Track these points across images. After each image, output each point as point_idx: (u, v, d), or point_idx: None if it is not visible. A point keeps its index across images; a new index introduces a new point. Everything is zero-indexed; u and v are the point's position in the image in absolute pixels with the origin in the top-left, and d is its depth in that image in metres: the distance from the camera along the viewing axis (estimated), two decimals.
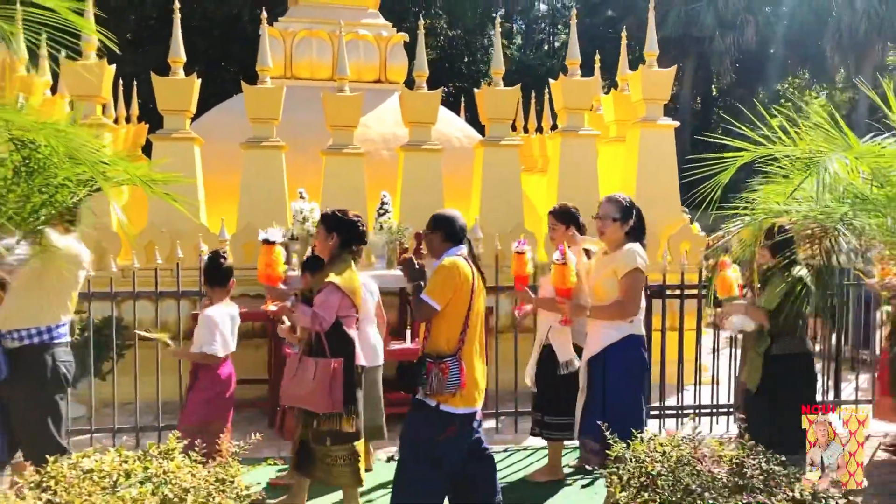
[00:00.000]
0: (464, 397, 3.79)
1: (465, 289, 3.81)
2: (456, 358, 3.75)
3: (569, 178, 8.30)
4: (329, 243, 4.31)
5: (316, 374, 4.08)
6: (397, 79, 10.25)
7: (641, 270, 4.22)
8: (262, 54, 7.93)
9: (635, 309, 4.21)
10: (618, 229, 4.33)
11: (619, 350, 4.25)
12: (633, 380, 4.31)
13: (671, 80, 8.55)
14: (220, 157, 8.59)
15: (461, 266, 3.83)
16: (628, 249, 4.27)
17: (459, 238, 3.95)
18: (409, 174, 8.04)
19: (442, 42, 25.95)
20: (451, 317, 3.80)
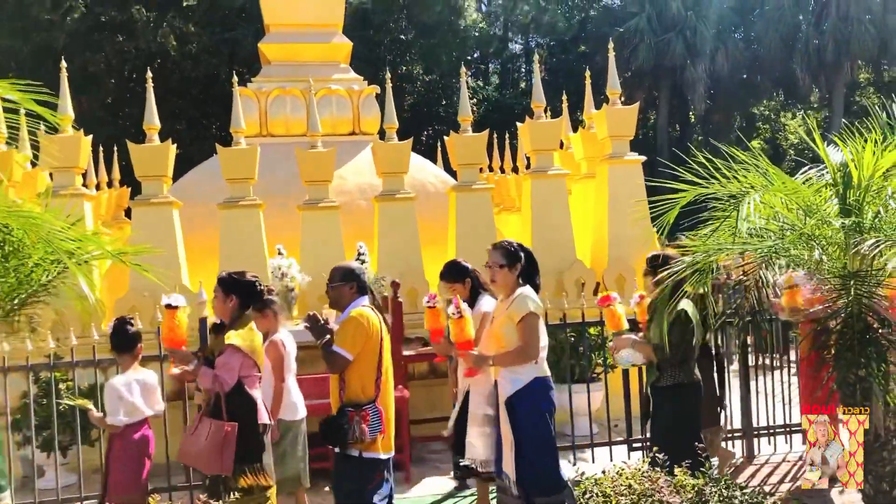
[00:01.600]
0: (384, 443, 3.95)
1: (375, 337, 4.00)
2: (374, 405, 3.93)
3: (541, 217, 8.49)
4: (228, 305, 4.35)
5: (208, 436, 4.11)
6: (371, 130, 10.48)
7: (535, 314, 4.28)
8: (235, 116, 8.15)
9: (535, 352, 4.28)
10: (507, 275, 4.37)
11: (527, 394, 4.30)
12: (542, 422, 4.36)
13: (635, 117, 8.80)
14: (200, 217, 8.76)
15: (369, 316, 4.04)
16: (520, 294, 4.33)
17: (364, 289, 4.16)
18: (384, 223, 8.22)
19: (419, 87, 26.38)
20: (364, 365, 3.97)
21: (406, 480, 6.38)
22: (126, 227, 10.80)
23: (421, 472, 6.62)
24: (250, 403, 4.27)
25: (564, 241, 8.46)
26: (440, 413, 7.10)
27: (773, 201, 3.38)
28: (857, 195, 3.29)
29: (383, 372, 4.03)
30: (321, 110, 10.23)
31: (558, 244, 8.44)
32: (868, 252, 3.06)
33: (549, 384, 4.45)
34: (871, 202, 3.27)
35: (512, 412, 4.31)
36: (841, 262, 3.32)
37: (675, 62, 26.56)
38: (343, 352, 3.94)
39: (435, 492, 6.13)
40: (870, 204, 3.27)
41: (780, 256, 3.32)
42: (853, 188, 3.28)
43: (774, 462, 6.28)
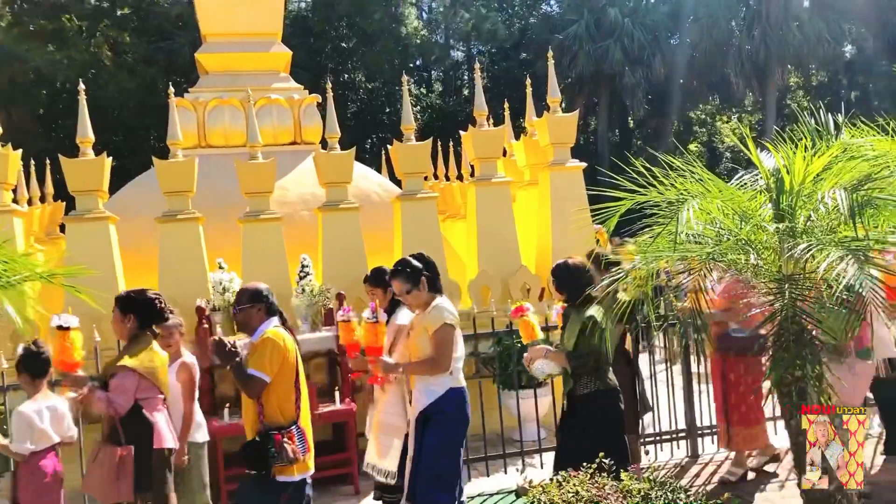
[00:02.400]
0: (298, 464, 3.90)
1: (290, 357, 3.95)
2: (297, 426, 3.90)
3: (486, 224, 8.52)
4: (126, 325, 4.25)
5: (105, 463, 4.00)
6: (313, 139, 10.38)
7: (451, 325, 4.27)
8: (172, 128, 7.98)
9: (447, 363, 4.24)
10: (417, 295, 4.37)
11: (442, 405, 4.27)
12: (454, 435, 4.32)
13: (575, 124, 8.90)
14: (138, 232, 8.54)
15: (284, 336, 4.00)
16: (435, 306, 4.33)
17: (273, 310, 4.11)
18: (328, 234, 8.13)
19: (361, 95, 26.30)
20: (282, 387, 3.91)
21: (355, 493, 6.32)
22: (61, 242, 10.47)
23: (370, 484, 6.52)
24: (147, 427, 4.12)
25: (509, 248, 8.51)
26: None
27: (710, 207, 3.44)
28: (790, 200, 3.37)
29: (302, 391, 3.99)
30: (261, 120, 10.09)
31: (503, 251, 8.48)
32: (800, 256, 3.14)
33: (465, 397, 4.41)
34: (803, 207, 3.36)
35: (425, 424, 4.27)
36: (776, 266, 3.40)
37: (613, 68, 27.08)
38: (260, 374, 3.85)
39: None
40: (801, 208, 3.36)
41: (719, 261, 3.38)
42: (786, 193, 3.37)
43: (718, 461, 6.40)
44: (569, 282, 4.69)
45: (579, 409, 4.58)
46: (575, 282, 4.65)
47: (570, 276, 4.68)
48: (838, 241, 3.08)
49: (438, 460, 4.24)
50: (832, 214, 3.25)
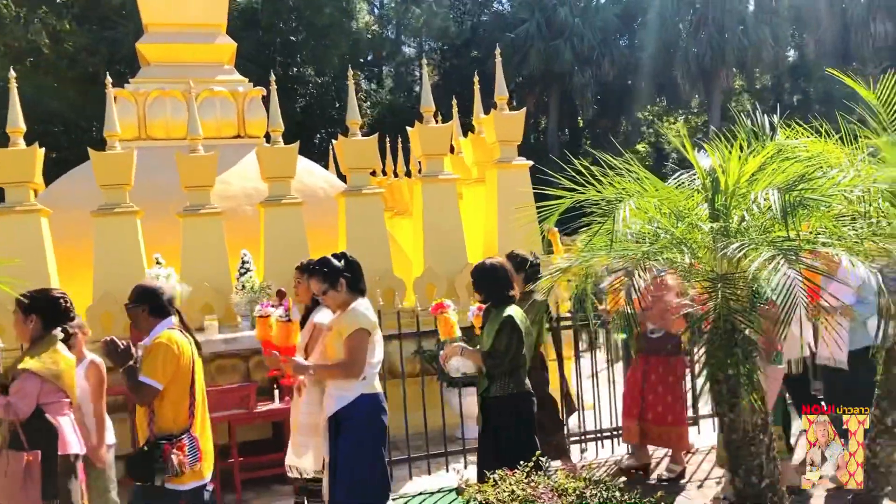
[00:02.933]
0: (193, 471, 3.76)
1: (185, 362, 3.78)
2: (189, 434, 3.73)
3: (432, 221, 8.47)
4: (28, 327, 4.04)
5: (8, 470, 3.81)
6: (257, 133, 10.21)
7: (365, 330, 4.12)
8: (109, 118, 7.74)
9: (359, 369, 4.09)
10: (335, 295, 4.24)
11: (352, 411, 4.14)
12: (367, 442, 4.18)
13: (522, 122, 8.90)
14: (74, 226, 8.27)
15: (178, 340, 3.79)
16: (351, 310, 4.19)
17: (167, 310, 3.89)
18: (270, 230, 7.99)
19: (311, 89, 25.99)
20: (175, 393, 3.75)
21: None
22: None
23: None
24: (51, 432, 3.93)
25: (456, 246, 8.47)
26: None
27: (647, 206, 3.45)
28: (725, 200, 3.40)
29: (198, 398, 3.82)
30: (204, 113, 9.88)
31: (450, 248, 8.43)
32: (733, 255, 3.16)
33: (380, 402, 4.28)
34: (738, 206, 3.38)
35: (335, 429, 4.17)
36: (710, 265, 3.43)
37: (563, 68, 27.29)
38: (151, 381, 3.67)
39: None
40: (736, 208, 3.38)
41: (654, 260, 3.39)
42: (721, 193, 3.39)
43: (657, 458, 6.46)
44: (487, 282, 4.63)
45: (492, 411, 4.53)
46: (493, 282, 4.60)
47: (488, 277, 4.62)
48: (770, 241, 3.11)
49: (352, 469, 4.12)
50: (766, 215, 3.28)
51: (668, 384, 5.89)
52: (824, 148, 3.75)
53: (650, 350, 5.93)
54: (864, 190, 3.47)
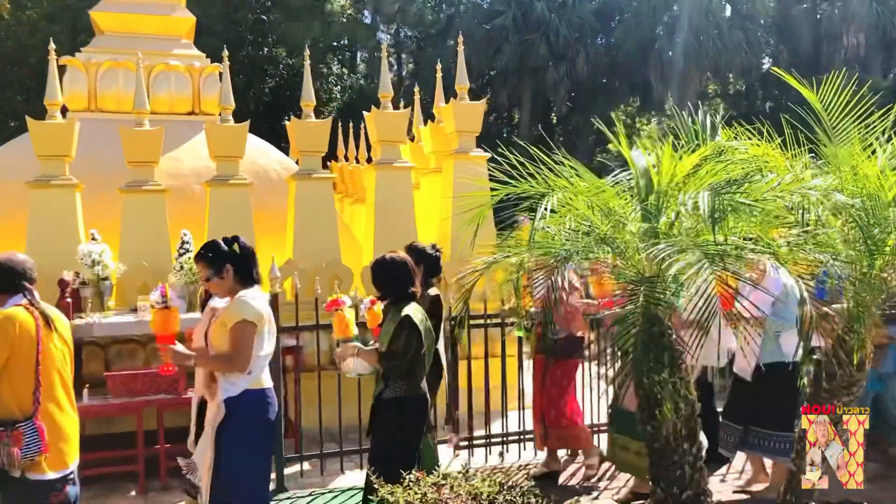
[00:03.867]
0: (52, 460, 3.56)
1: (26, 343, 3.52)
2: (32, 422, 3.49)
3: (385, 209, 8.29)
4: None
5: None
6: (212, 110, 9.91)
7: (250, 322, 3.82)
8: (51, 87, 7.46)
9: (242, 364, 3.81)
10: (219, 283, 3.96)
11: (234, 405, 3.90)
12: (247, 441, 3.93)
13: (482, 113, 8.75)
14: (13, 197, 7.97)
15: (17, 317, 3.53)
16: (237, 299, 3.89)
17: (15, 286, 3.62)
18: (216, 210, 7.77)
19: (282, 70, 25.60)
20: (16, 377, 3.51)
21: None
22: None
23: None
24: None
25: (408, 234, 8.25)
26: None
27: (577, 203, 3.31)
28: (657, 200, 3.27)
29: (45, 381, 3.56)
30: (158, 87, 9.61)
31: (401, 237, 8.15)
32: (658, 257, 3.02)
33: (266, 398, 4.01)
34: (669, 208, 3.26)
35: (220, 425, 3.91)
36: (635, 266, 3.30)
37: (538, 63, 27.14)
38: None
39: None
40: (667, 209, 3.26)
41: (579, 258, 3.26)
42: (654, 193, 3.26)
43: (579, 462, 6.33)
44: (386, 278, 4.38)
45: (381, 413, 4.32)
46: (392, 279, 4.36)
47: (387, 272, 4.37)
48: (697, 244, 2.99)
49: (233, 470, 3.89)
50: (696, 217, 3.16)
51: (562, 386, 5.77)
52: (765, 151, 3.63)
53: (550, 351, 5.74)
54: (801, 196, 3.34)
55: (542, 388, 5.82)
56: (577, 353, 5.83)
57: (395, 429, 4.23)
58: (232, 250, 4.00)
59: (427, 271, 5.20)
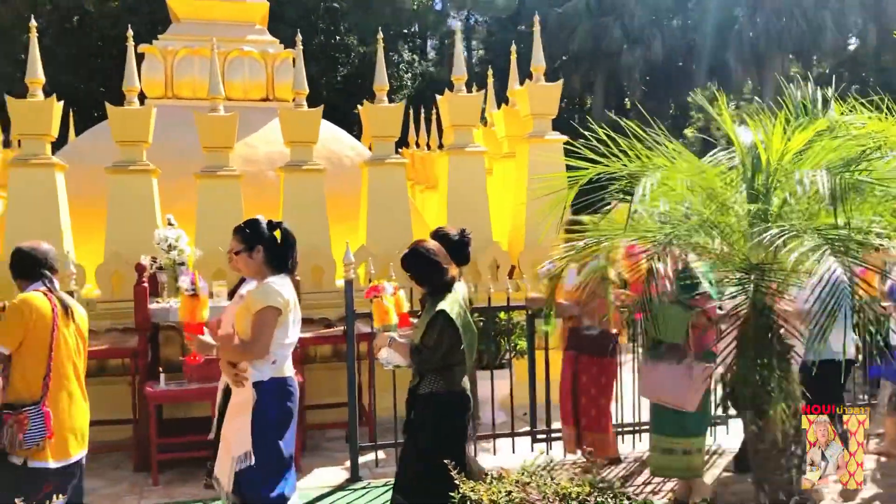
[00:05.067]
0: (56, 448, 3.51)
1: (40, 327, 3.53)
2: (38, 407, 3.45)
3: (457, 195, 8.10)
4: None
5: None
6: (286, 97, 9.89)
7: (274, 308, 3.67)
8: (129, 73, 7.53)
9: (260, 351, 3.66)
10: (247, 261, 3.82)
11: (263, 393, 3.73)
12: (268, 430, 3.74)
13: (558, 95, 8.47)
14: (91, 183, 8.09)
15: (34, 303, 3.56)
16: (264, 285, 3.75)
17: (36, 274, 3.66)
18: (289, 196, 7.71)
19: (353, 58, 25.65)
20: (28, 361, 3.51)
21: (296, 471, 5.95)
22: None
23: (313, 461, 6.21)
24: None
25: (480, 222, 8.08)
26: (341, 398, 6.69)
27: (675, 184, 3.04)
28: (766, 180, 2.97)
29: (56, 368, 3.55)
30: (232, 74, 9.63)
31: (474, 224, 7.89)
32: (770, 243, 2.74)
33: (287, 387, 3.86)
34: (780, 188, 2.96)
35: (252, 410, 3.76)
36: (743, 253, 3.01)
37: (612, 47, 26.46)
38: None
39: (325, 483, 5.71)
40: (778, 190, 2.96)
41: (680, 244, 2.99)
42: (761, 172, 2.97)
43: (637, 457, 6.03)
44: (414, 269, 4.09)
45: (417, 410, 4.08)
46: (420, 269, 4.07)
47: (414, 263, 4.11)
48: (815, 228, 2.69)
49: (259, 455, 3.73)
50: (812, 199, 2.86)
51: (601, 385, 5.35)
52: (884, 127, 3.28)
53: (582, 348, 5.34)
54: None
55: (574, 387, 5.41)
56: (611, 351, 5.39)
57: (434, 427, 4.00)
58: (271, 234, 3.86)
59: (454, 258, 4.64)
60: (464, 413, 4.10)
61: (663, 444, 4.85)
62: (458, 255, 4.75)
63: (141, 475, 5.88)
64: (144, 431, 5.88)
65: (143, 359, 5.99)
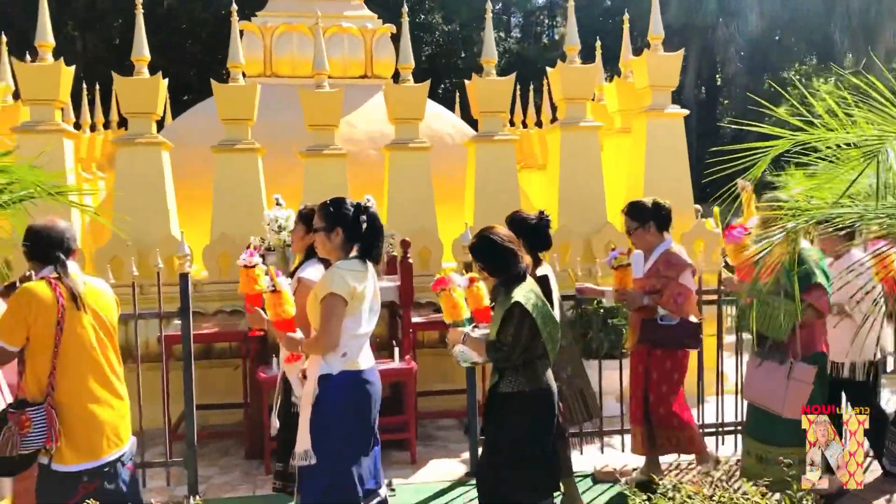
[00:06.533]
0: (79, 450, 3.24)
1: (44, 320, 3.19)
2: (41, 408, 3.14)
3: (570, 173, 7.65)
4: None
5: None
6: (385, 73, 9.62)
7: (339, 296, 3.38)
8: (234, 50, 7.33)
9: (327, 342, 3.40)
10: (324, 240, 3.54)
11: (328, 388, 3.45)
12: (327, 420, 3.45)
13: (679, 66, 7.90)
14: (196, 162, 7.98)
15: (36, 293, 3.19)
16: (330, 270, 3.48)
17: (49, 257, 3.29)
18: (395, 175, 7.41)
19: (438, 37, 25.30)
20: (37, 355, 3.20)
21: (411, 463, 5.68)
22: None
23: (428, 452, 5.92)
24: None
25: (595, 202, 7.63)
26: (452, 385, 6.40)
27: None
28: None
29: (63, 364, 3.20)
30: (331, 50, 9.37)
31: (588, 205, 7.60)
32: None
33: (363, 380, 3.57)
34: None
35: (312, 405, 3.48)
36: None
37: (706, 20, 25.30)
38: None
39: (443, 477, 5.41)
40: None
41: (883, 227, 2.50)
42: None
43: None
44: (484, 258, 3.71)
45: (497, 410, 3.68)
46: (491, 258, 3.69)
47: (483, 251, 3.71)
48: None
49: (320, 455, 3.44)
50: None
51: (672, 381, 4.82)
52: None
53: (657, 341, 4.82)
54: None
55: (645, 383, 4.89)
56: (691, 343, 4.85)
57: (518, 428, 3.62)
58: (355, 218, 3.54)
59: (531, 245, 4.28)
60: (550, 411, 3.72)
61: (757, 450, 4.42)
62: (539, 240, 4.40)
63: (253, 462, 5.72)
64: (257, 417, 5.69)
65: (254, 343, 5.80)
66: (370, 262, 3.60)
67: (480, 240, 3.76)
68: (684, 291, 4.74)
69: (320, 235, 3.57)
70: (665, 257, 4.82)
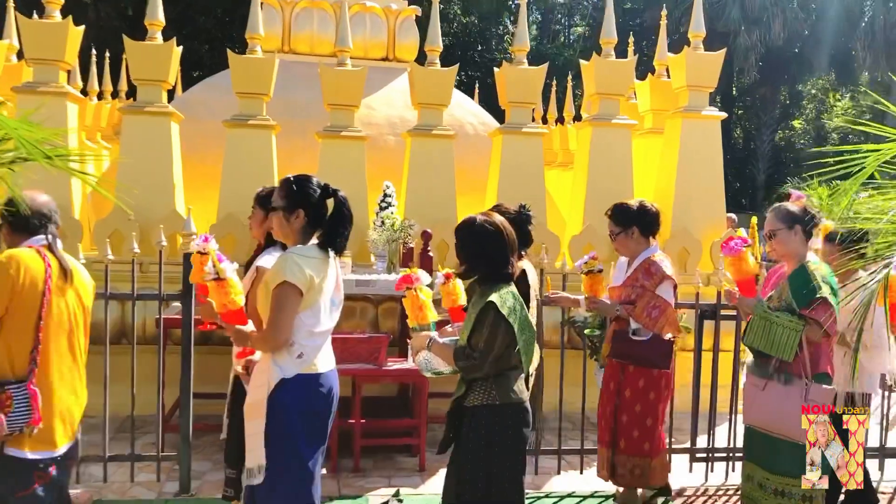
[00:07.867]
0: (37, 438, 2.94)
1: (27, 290, 2.91)
2: (24, 386, 2.87)
3: (600, 171, 7.26)
4: None
5: None
6: (407, 57, 9.22)
7: (293, 285, 2.94)
8: (253, 21, 6.93)
9: (283, 336, 2.94)
10: (282, 223, 3.13)
11: (283, 394, 2.99)
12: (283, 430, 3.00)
13: (720, 66, 7.53)
14: (206, 137, 7.60)
15: (22, 259, 2.93)
16: (284, 256, 3.03)
17: (34, 226, 3.05)
18: (416, 162, 7.03)
19: (455, 28, 24.90)
20: (13, 330, 2.92)
21: (419, 470, 5.30)
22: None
23: (438, 459, 5.50)
24: None
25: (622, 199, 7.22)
26: None
27: None
28: None
29: (46, 340, 2.93)
30: (353, 29, 8.93)
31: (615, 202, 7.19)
32: None
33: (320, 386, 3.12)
34: None
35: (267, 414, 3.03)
36: None
37: (728, 27, 24.89)
38: None
39: None
40: None
41: None
42: None
43: None
44: (471, 249, 3.20)
45: (465, 424, 3.12)
46: (481, 250, 3.18)
47: (474, 242, 3.19)
48: None
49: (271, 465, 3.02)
50: None
51: (649, 402, 4.40)
52: None
53: (629, 357, 4.43)
54: None
55: (615, 403, 4.49)
56: (660, 362, 4.41)
57: (487, 446, 3.11)
58: (321, 201, 3.12)
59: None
60: (523, 428, 3.19)
61: (758, 476, 4.01)
62: (518, 237, 3.96)
63: None
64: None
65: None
66: (333, 251, 3.14)
67: (465, 229, 3.23)
68: (660, 304, 4.32)
69: (278, 215, 3.12)
70: (645, 265, 4.41)
